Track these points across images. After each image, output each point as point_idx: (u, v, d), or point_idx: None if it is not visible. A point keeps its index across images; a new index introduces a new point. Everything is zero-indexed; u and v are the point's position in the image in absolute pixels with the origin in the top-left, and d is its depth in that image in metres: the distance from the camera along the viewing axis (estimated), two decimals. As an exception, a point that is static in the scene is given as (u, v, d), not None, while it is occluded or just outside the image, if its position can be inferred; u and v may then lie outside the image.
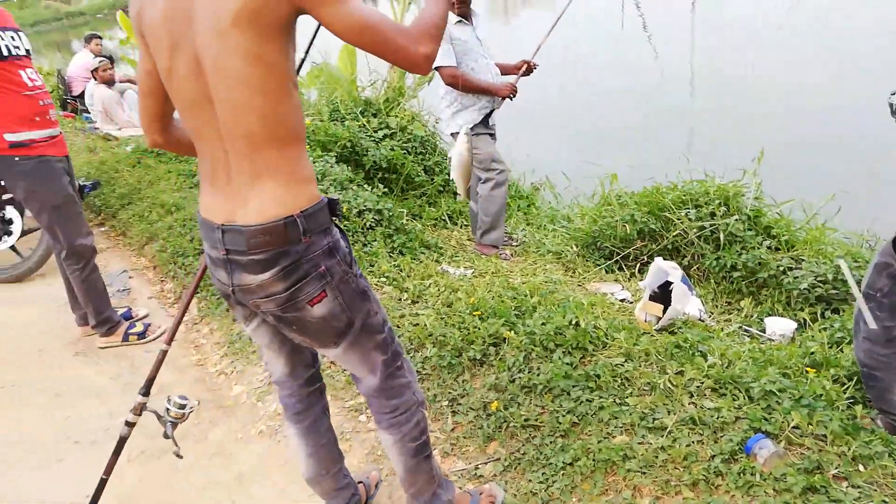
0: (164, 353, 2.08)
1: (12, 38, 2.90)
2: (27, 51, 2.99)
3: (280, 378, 1.76)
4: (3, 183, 3.14)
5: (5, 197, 4.03)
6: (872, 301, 1.95)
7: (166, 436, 1.93)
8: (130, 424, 2.03)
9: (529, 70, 3.99)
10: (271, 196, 1.34)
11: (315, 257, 1.39)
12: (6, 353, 3.30)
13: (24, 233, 4.12)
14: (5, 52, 2.84)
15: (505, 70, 4.06)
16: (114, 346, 3.28)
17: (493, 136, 4.08)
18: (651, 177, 4.21)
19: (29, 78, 2.96)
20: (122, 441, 2.03)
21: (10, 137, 2.89)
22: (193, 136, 1.41)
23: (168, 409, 1.93)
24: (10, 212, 4.06)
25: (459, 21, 3.84)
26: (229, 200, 1.37)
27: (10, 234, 4.08)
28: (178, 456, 1.98)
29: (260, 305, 1.44)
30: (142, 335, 3.32)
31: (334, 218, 1.46)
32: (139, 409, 2.02)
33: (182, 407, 1.94)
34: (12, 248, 4.14)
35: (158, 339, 3.33)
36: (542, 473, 2.05)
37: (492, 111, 3.96)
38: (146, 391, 2.05)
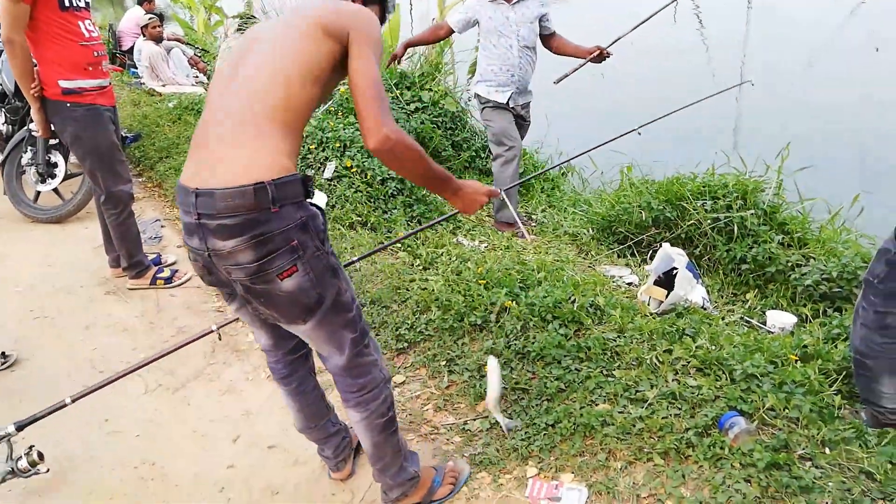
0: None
1: None
2: (87, 3, 3.15)
3: (266, 347, 1.86)
4: (52, 129, 3.33)
5: (52, 142, 4.25)
6: (870, 287, 2.01)
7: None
8: None
9: (602, 57, 4.00)
10: (246, 162, 1.42)
11: (287, 230, 1.43)
12: (46, 287, 3.53)
13: (66, 177, 4.34)
14: (66, 3, 3.01)
15: (577, 54, 4.09)
16: (141, 288, 3.48)
17: (518, 116, 4.15)
18: (679, 166, 4.25)
19: (86, 29, 3.12)
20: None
21: (63, 84, 3.06)
22: (205, 107, 1.57)
23: (21, 457, 2.00)
24: (56, 156, 4.29)
25: None
26: (206, 166, 1.45)
27: (53, 176, 4.31)
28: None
29: (231, 273, 1.48)
30: (168, 280, 3.51)
31: (307, 199, 1.51)
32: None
33: (33, 465, 2.00)
34: (55, 190, 4.37)
35: (184, 284, 3.52)
36: (525, 433, 2.17)
37: (514, 93, 4.03)
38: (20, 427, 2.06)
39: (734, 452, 1.91)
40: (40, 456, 2.12)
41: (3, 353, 2.87)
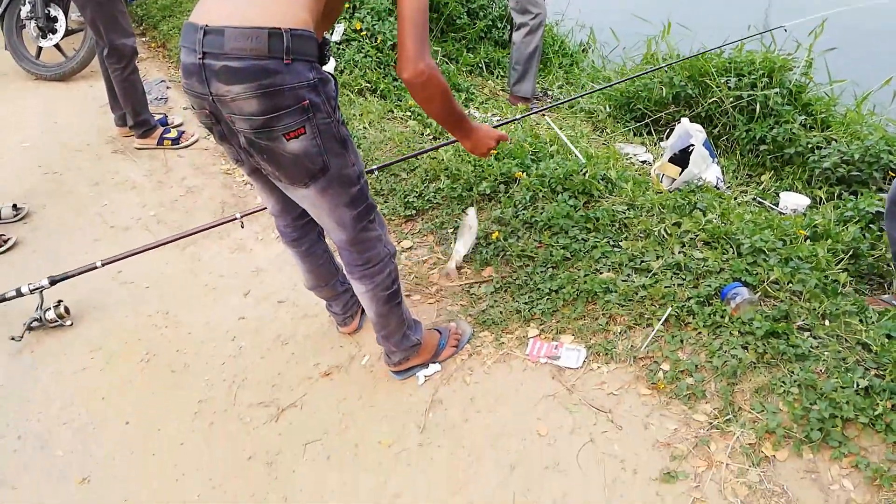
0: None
1: None
2: None
3: (275, 212, 1.84)
4: None
5: (51, -6, 4.07)
6: None
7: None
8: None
9: None
10: (263, 5, 1.33)
11: (299, 88, 1.36)
12: (53, 144, 3.50)
13: (67, 32, 4.19)
14: None
15: None
16: (149, 147, 3.45)
17: None
18: (704, 42, 4.04)
19: None
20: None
21: None
22: None
23: (49, 308, 2.21)
24: (55, 10, 4.12)
25: None
26: (220, 4, 1.36)
27: (54, 31, 4.16)
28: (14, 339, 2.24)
29: (235, 123, 1.41)
30: (175, 141, 3.47)
31: (321, 64, 1.44)
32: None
33: (60, 317, 2.24)
34: (57, 46, 4.23)
35: (191, 145, 3.49)
36: (529, 296, 2.21)
37: None
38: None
39: (734, 321, 1.94)
40: (66, 310, 2.24)
41: (15, 205, 2.89)
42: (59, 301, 2.28)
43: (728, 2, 5.74)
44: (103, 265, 2.29)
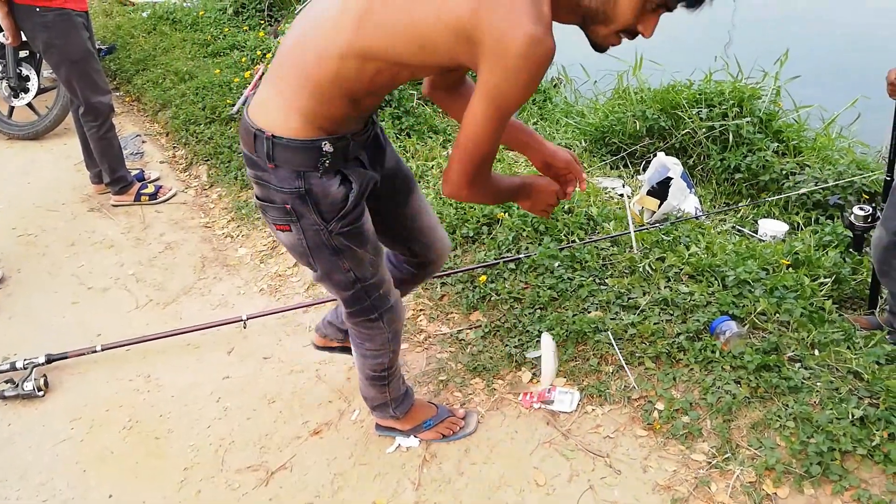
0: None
1: None
2: None
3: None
4: (23, 39, 3.17)
5: (22, 54, 4.05)
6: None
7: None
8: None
9: None
10: (269, 106, 1.30)
11: (283, 192, 1.33)
12: (27, 205, 3.45)
13: (40, 91, 4.17)
14: None
15: None
16: (126, 204, 3.40)
17: None
18: (675, 72, 4.13)
19: None
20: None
21: None
22: (285, 40, 1.34)
23: (29, 380, 2.19)
24: (27, 69, 4.10)
25: None
26: (260, 90, 1.37)
27: (26, 91, 4.13)
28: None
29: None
30: (153, 196, 3.43)
31: (320, 172, 1.32)
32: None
33: (38, 389, 2.19)
34: (29, 105, 4.21)
35: (169, 200, 3.45)
36: (519, 339, 2.19)
37: None
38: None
39: (725, 355, 1.94)
40: (45, 383, 2.19)
41: (-11, 270, 2.83)
42: (44, 375, 2.23)
43: (696, 38, 5.92)
44: (103, 350, 2.32)
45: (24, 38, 3.16)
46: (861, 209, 2.56)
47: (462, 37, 1.11)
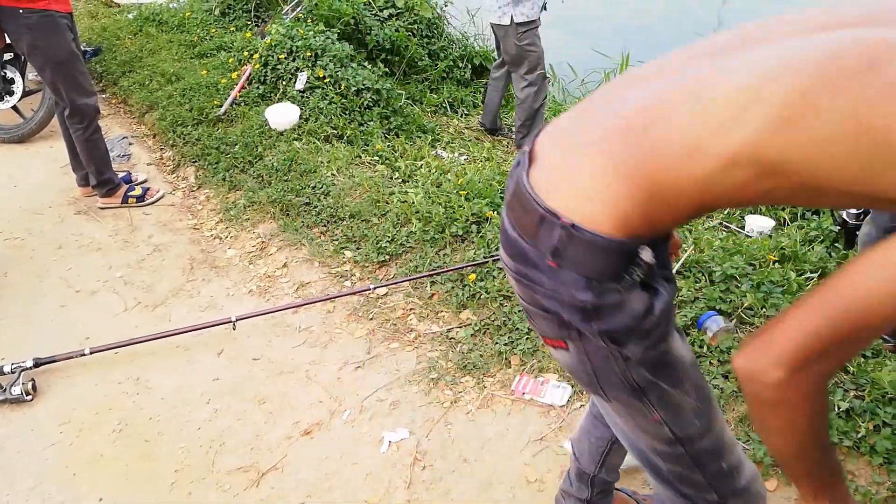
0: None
1: None
2: None
3: None
4: (6, 41, 3.14)
5: (6, 57, 4.02)
6: None
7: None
8: None
9: None
10: (570, 187, 0.88)
11: (559, 299, 0.92)
12: (13, 209, 3.42)
13: (25, 93, 4.14)
14: None
15: None
16: (113, 206, 3.39)
17: None
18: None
19: None
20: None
21: None
22: (591, 101, 0.96)
23: (17, 384, 2.18)
24: (11, 72, 4.06)
25: None
26: (542, 161, 0.94)
27: (11, 93, 4.10)
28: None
29: None
30: (140, 198, 3.42)
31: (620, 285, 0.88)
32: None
33: (26, 393, 2.18)
34: (14, 108, 4.17)
35: (156, 202, 3.44)
36: (508, 337, 2.20)
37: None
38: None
39: (712, 350, 1.95)
40: (34, 387, 2.18)
41: (-25, 275, 2.81)
42: (32, 379, 2.22)
43: (680, 36, 5.96)
44: (91, 353, 2.31)
45: (7, 41, 3.14)
46: None
47: None
